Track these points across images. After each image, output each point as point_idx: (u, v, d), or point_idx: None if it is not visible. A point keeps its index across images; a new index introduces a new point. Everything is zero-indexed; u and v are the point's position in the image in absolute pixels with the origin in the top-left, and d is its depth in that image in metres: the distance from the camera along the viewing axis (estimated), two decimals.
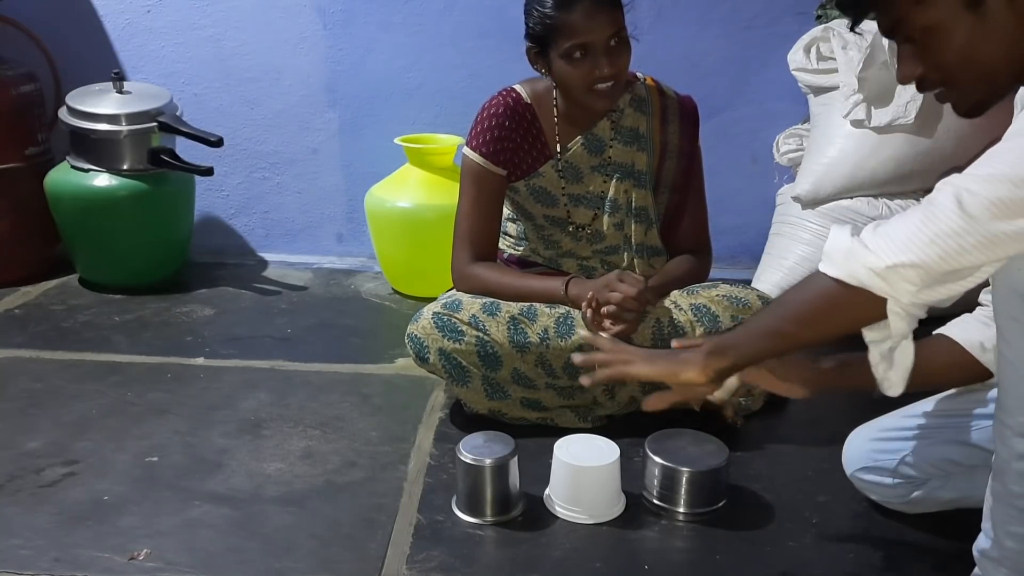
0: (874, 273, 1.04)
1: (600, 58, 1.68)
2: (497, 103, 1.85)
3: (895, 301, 1.05)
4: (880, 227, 1.06)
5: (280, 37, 2.75)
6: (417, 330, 1.77)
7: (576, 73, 1.69)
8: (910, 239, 1.02)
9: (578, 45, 1.67)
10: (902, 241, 1.02)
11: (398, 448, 1.76)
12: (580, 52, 1.67)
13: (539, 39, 1.73)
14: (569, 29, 1.66)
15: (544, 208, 1.90)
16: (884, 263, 1.03)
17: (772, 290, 2.41)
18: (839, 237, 1.09)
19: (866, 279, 1.05)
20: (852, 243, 1.07)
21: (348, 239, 2.95)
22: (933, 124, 2.34)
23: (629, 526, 1.52)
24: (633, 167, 1.88)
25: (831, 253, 1.09)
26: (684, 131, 1.89)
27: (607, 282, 1.69)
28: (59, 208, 2.55)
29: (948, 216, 0.99)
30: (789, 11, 2.64)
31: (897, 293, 1.04)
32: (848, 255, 1.06)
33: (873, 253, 1.04)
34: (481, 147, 1.84)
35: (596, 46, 1.67)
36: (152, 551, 1.41)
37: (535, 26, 1.72)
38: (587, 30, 1.65)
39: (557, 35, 1.68)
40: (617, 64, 1.70)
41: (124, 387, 1.99)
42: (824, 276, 1.10)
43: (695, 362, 1.25)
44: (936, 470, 1.43)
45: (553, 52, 1.71)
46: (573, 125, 1.86)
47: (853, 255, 1.06)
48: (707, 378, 1.25)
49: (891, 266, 1.02)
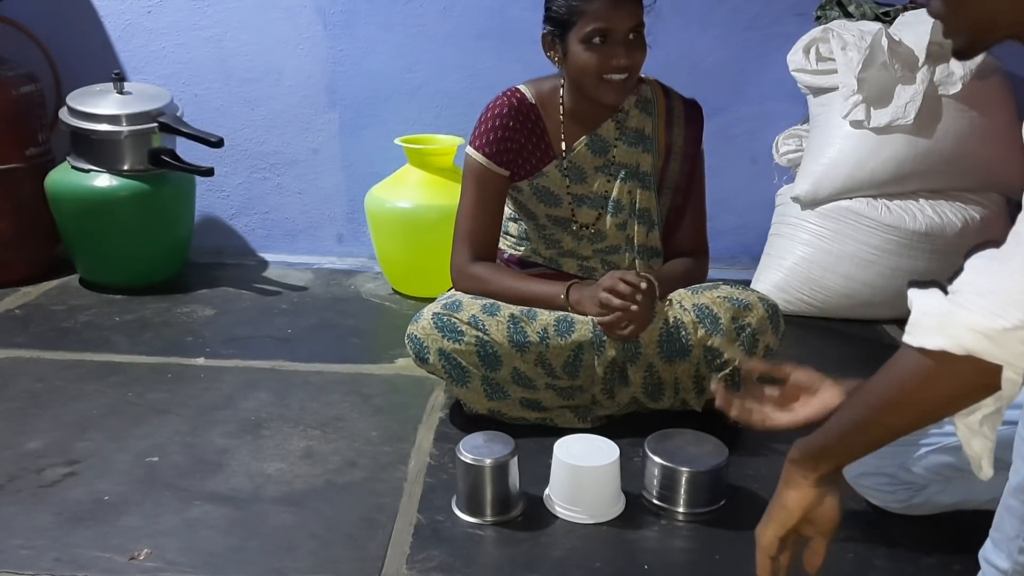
0: (984, 337, 0.88)
1: (618, 47, 1.70)
2: (501, 103, 1.85)
3: (1012, 367, 0.89)
4: (970, 282, 0.92)
5: (280, 38, 2.76)
6: (417, 330, 1.77)
7: (593, 58, 1.71)
8: (1017, 289, 0.87)
9: (599, 30, 1.69)
10: (1011, 294, 0.88)
11: (398, 448, 1.76)
12: (600, 38, 1.69)
13: (560, 22, 1.74)
14: (593, 13, 1.69)
15: (548, 208, 1.91)
16: (998, 324, 0.87)
17: (772, 290, 2.41)
18: (929, 301, 0.93)
19: (974, 345, 0.89)
20: (947, 305, 0.92)
21: (348, 239, 2.95)
22: (932, 125, 2.34)
23: (629, 526, 1.52)
24: (638, 168, 1.88)
25: (920, 321, 0.93)
26: (689, 134, 1.90)
27: (611, 284, 1.69)
28: (59, 208, 2.55)
29: None
30: (789, 12, 2.65)
31: (1013, 358, 0.88)
32: (946, 320, 0.91)
33: (978, 314, 0.89)
34: (484, 147, 1.84)
35: (616, 34, 1.69)
36: (152, 551, 1.41)
37: (558, 9, 1.74)
38: (610, 17, 1.68)
39: (580, 18, 1.70)
40: (633, 57, 1.72)
41: (125, 387, 2.00)
42: (914, 351, 0.94)
43: (799, 486, 1.10)
44: (936, 475, 1.43)
45: (572, 36, 1.72)
46: (578, 125, 1.87)
47: (953, 319, 0.90)
48: (818, 494, 1.09)
49: (1009, 328, 0.87)
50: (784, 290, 2.45)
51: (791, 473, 1.11)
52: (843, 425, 1.07)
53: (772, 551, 1.12)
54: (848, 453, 1.09)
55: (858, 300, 2.41)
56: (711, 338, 1.74)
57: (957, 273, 0.95)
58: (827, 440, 1.08)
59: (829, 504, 1.10)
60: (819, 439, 1.09)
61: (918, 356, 0.94)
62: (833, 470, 1.09)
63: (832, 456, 1.08)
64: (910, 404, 0.98)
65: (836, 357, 2.22)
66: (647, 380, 1.80)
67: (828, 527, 1.11)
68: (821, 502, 1.10)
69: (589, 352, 1.77)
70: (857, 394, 1.06)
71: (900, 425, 1.01)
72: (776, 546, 1.12)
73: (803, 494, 1.09)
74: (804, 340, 2.29)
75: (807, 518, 1.11)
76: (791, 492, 1.10)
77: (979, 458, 0.99)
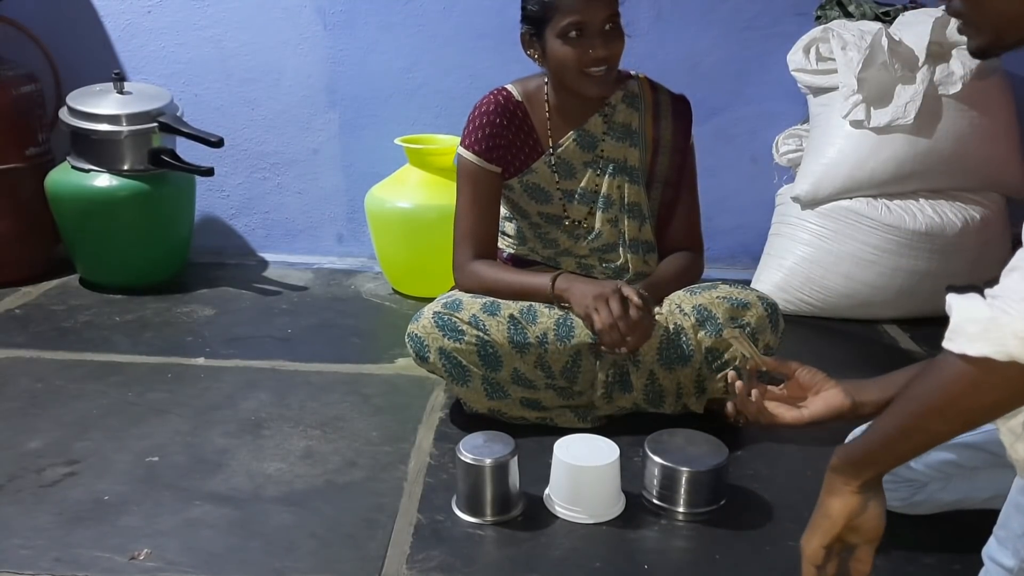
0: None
1: (595, 40, 1.70)
2: (488, 101, 1.86)
3: None
4: (1012, 287, 0.92)
5: (280, 38, 2.76)
6: (417, 329, 1.77)
7: (571, 52, 1.71)
8: None
9: (575, 24, 1.69)
10: None
11: (398, 448, 1.76)
12: (576, 31, 1.69)
13: (536, 20, 1.74)
14: (567, 8, 1.69)
15: (539, 205, 1.91)
16: None
17: (772, 290, 2.41)
18: (971, 307, 0.93)
19: (1019, 351, 0.88)
20: (990, 311, 0.91)
21: (348, 239, 2.95)
22: (932, 125, 2.34)
23: (629, 526, 1.52)
24: (626, 163, 1.88)
25: (963, 327, 0.93)
26: (677, 127, 1.90)
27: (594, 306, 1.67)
28: (60, 208, 2.55)
29: None
30: (789, 11, 2.65)
31: None
32: (990, 326, 0.91)
33: (1022, 318, 0.88)
34: (474, 145, 1.84)
35: (592, 27, 1.69)
36: (152, 551, 1.41)
37: (533, 7, 1.74)
38: (584, 9, 1.68)
39: (555, 14, 1.70)
40: (611, 48, 1.71)
41: (125, 387, 2.00)
42: (956, 357, 0.94)
43: (841, 494, 1.09)
44: (937, 472, 1.42)
45: (549, 32, 1.72)
46: (565, 121, 1.87)
47: (997, 325, 0.90)
48: (861, 500, 1.09)
49: None
50: (784, 290, 2.45)
51: (833, 481, 1.10)
52: (887, 432, 1.06)
53: (818, 560, 1.11)
54: (891, 460, 1.08)
55: (858, 300, 2.41)
56: (710, 337, 1.74)
57: (995, 279, 0.95)
58: (870, 447, 1.08)
59: (873, 511, 1.09)
60: (862, 446, 1.08)
61: (961, 362, 0.93)
62: (875, 477, 1.09)
63: (875, 463, 1.08)
64: (954, 410, 0.97)
65: (836, 357, 2.22)
66: (648, 387, 1.80)
67: (873, 534, 1.10)
68: (865, 509, 1.09)
69: (588, 357, 1.77)
70: (898, 400, 1.06)
71: (944, 431, 1.01)
72: (821, 556, 1.11)
73: (846, 501, 1.09)
74: (804, 340, 2.29)
75: (851, 526, 1.10)
76: (834, 500, 1.10)
77: (1022, 460, 0.99)
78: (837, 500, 1.09)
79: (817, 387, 1.38)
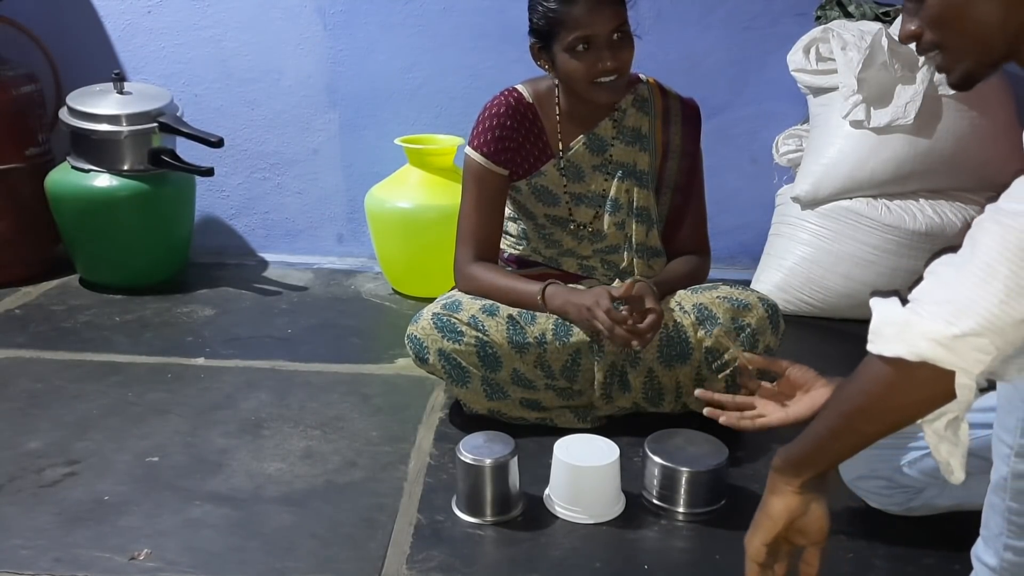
0: (938, 344, 0.90)
1: (603, 51, 1.69)
2: (499, 103, 1.85)
3: (965, 373, 0.91)
4: (928, 291, 0.94)
5: (280, 38, 2.76)
6: (417, 331, 1.77)
7: (580, 66, 1.70)
8: (970, 298, 0.89)
9: (581, 38, 1.68)
10: (965, 302, 0.89)
11: (398, 448, 1.76)
12: (583, 45, 1.68)
13: (543, 34, 1.73)
14: (573, 22, 1.67)
15: (546, 207, 1.90)
16: (951, 331, 0.90)
17: (772, 290, 2.41)
18: (888, 310, 0.96)
19: (929, 352, 0.91)
20: (904, 314, 0.94)
21: (348, 239, 2.95)
22: (932, 125, 2.34)
23: (629, 526, 1.52)
24: (635, 167, 1.88)
25: (880, 329, 0.95)
26: (686, 132, 1.89)
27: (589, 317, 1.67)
28: (59, 208, 2.55)
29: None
30: (789, 12, 2.65)
31: (966, 364, 0.90)
32: (903, 328, 0.93)
33: (933, 321, 0.91)
34: (483, 147, 1.84)
35: (599, 39, 1.68)
36: (152, 551, 1.42)
37: (539, 21, 1.73)
38: (590, 23, 1.67)
39: (561, 28, 1.69)
40: (620, 58, 1.71)
41: (125, 387, 2.00)
42: (876, 358, 0.96)
43: (782, 493, 1.11)
44: (932, 478, 1.42)
45: (557, 46, 1.72)
46: (575, 124, 1.86)
47: (910, 327, 0.92)
48: (802, 500, 1.10)
49: (959, 335, 0.89)
50: (784, 290, 2.44)
51: (774, 481, 1.12)
52: (818, 432, 1.07)
53: (760, 558, 1.12)
54: (826, 460, 1.09)
55: (858, 300, 2.41)
56: (709, 337, 1.74)
57: (918, 281, 0.97)
58: (805, 447, 1.09)
59: (816, 512, 1.10)
60: (798, 446, 1.10)
61: (880, 364, 0.96)
62: (814, 477, 1.09)
63: (812, 463, 1.09)
64: (877, 411, 0.99)
65: (836, 357, 2.21)
66: (647, 386, 1.80)
67: (818, 536, 1.11)
68: (806, 510, 1.10)
69: (587, 357, 1.77)
70: (830, 401, 1.09)
71: (871, 431, 1.03)
72: (763, 553, 1.12)
73: (787, 501, 1.10)
74: (804, 340, 2.29)
75: (796, 527, 1.11)
76: (775, 499, 1.11)
77: (947, 462, 1.00)
78: (778, 500, 1.10)
79: (808, 385, 1.38)
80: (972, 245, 0.92)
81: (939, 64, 1.07)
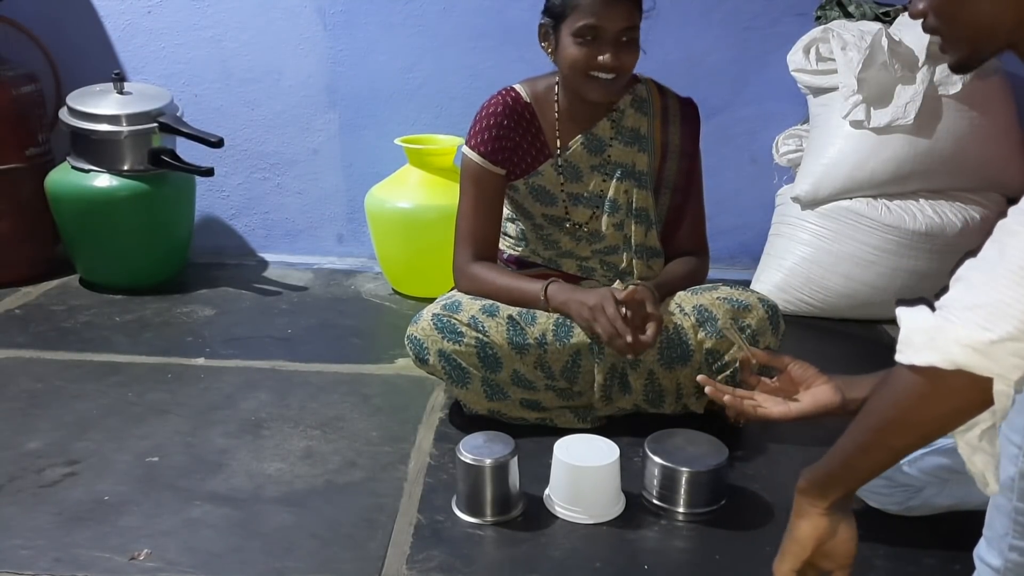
0: (974, 350, 0.88)
1: (607, 47, 1.69)
2: (496, 102, 1.85)
3: (1003, 379, 0.88)
4: (958, 297, 0.91)
5: (280, 38, 2.76)
6: (417, 331, 1.77)
7: (580, 54, 1.70)
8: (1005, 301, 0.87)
9: (590, 27, 1.68)
10: (999, 306, 0.87)
11: (398, 448, 1.76)
12: (590, 34, 1.69)
13: (556, 14, 1.74)
14: (586, 8, 1.68)
15: (543, 207, 1.90)
16: (987, 337, 0.87)
17: (772, 290, 2.41)
18: (917, 318, 0.92)
19: (965, 359, 0.88)
20: (936, 321, 0.91)
21: (348, 239, 2.95)
22: (932, 125, 2.34)
23: (629, 526, 1.52)
24: (634, 167, 1.88)
25: (910, 338, 0.92)
26: (685, 132, 1.89)
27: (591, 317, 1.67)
28: (59, 208, 2.55)
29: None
30: (789, 12, 2.65)
31: (1004, 370, 0.87)
32: (936, 335, 0.90)
33: (967, 327, 0.88)
34: (480, 146, 1.84)
35: (607, 33, 1.69)
36: (152, 551, 1.41)
37: (555, 0, 1.74)
38: (602, 15, 1.68)
39: (573, 12, 1.70)
40: (621, 59, 1.71)
41: (125, 387, 2.00)
42: (906, 369, 0.93)
43: (809, 516, 1.08)
44: (932, 477, 1.43)
45: (565, 28, 1.72)
46: (574, 124, 1.86)
47: (943, 334, 0.89)
48: (830, 522, 1.07)
49: (997, 340, 0.86)
50: (784, 290, 2.44)
51: (800, 503, 1.09)
52: (846, 449, 1.05)
53: None
54: (854, 478, 1.06)
55: (858, 300, 2.41)
56: (710, 338, 1.74)
57: (944, 289, 0.95)
58: (832, 466, 1.06)
59: (844, 535, 1.08)
60: (824, 466, 1.07)
61: (911, 374, 0.93)
62: (843, 497, 1.07)
63: (839, 482, 1.06)
64: (909, 423, 0.96)
65: (836, 357, 2.22)
66: (648, 387, 1.80)
67: (845, 560, 1.09)
68: (834, 532, 1.08)
69: (588, 358, 1.77)
70: (858, 417, 1.04)
71: (902, 445, 1.00)
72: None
73: (815, 524, 1.07)
74: (804, 340, 2.29)
75: (823, 551, 1.09)
76: (802, 523, 1.08)
77: (982, 473, 0.97)
78: (805, 523, 1.08)
79: (808, 382, 1.38)
80: (999, 248, 0.90)
81: (942, 47, 1.08)
